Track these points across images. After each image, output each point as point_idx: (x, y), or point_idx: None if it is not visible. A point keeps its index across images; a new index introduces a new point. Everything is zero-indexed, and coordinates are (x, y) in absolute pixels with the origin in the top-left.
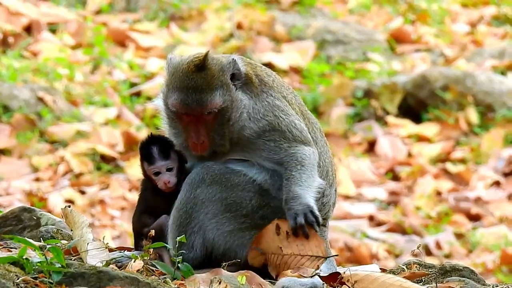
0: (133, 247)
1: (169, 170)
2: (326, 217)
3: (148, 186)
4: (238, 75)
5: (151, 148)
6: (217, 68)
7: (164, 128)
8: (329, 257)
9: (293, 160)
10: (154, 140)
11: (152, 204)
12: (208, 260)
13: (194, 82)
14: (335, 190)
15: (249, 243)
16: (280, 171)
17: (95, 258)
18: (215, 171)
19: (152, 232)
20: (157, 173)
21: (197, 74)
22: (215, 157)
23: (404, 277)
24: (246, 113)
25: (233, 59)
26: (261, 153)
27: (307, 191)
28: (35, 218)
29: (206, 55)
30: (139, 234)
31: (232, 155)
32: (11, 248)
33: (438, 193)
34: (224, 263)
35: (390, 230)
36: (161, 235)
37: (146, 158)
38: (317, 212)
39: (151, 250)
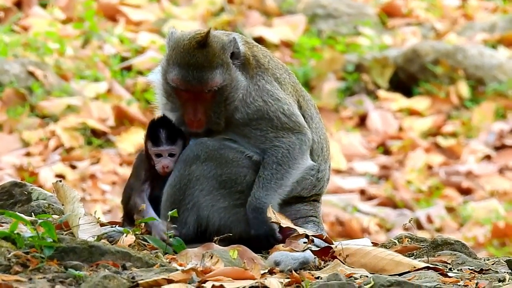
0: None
1: (171, 155)
2: (320, 192)
3: (142, 161)
4: (237, 54)
5: (159, 130)
6: (218, 46)
7: (158, 103)
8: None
9: (274, 155)
10: (165, 122)
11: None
12: (200, 237)
13: (196, 59)
14: (329, 166)
15: (244, 219)
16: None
17: (86, 232)
18: (209, 147)
19: (143, 206)
20: (158, 155)
21: (198, 51)
22: (209, 135)
23: (395, 251)
24: (242, 94)
25: (233, 37)
26: (248, 140)
27: (272, 196)
28: (26, 193)
29: (209, 32)
30: (126, 209)
31: (225, 135)
32: (2, 223)
33: (429, 167)
34: (216, 238)
35: (381, 204)
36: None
37: (152, 138)
38: (270, 227)
39: (143, 224)
